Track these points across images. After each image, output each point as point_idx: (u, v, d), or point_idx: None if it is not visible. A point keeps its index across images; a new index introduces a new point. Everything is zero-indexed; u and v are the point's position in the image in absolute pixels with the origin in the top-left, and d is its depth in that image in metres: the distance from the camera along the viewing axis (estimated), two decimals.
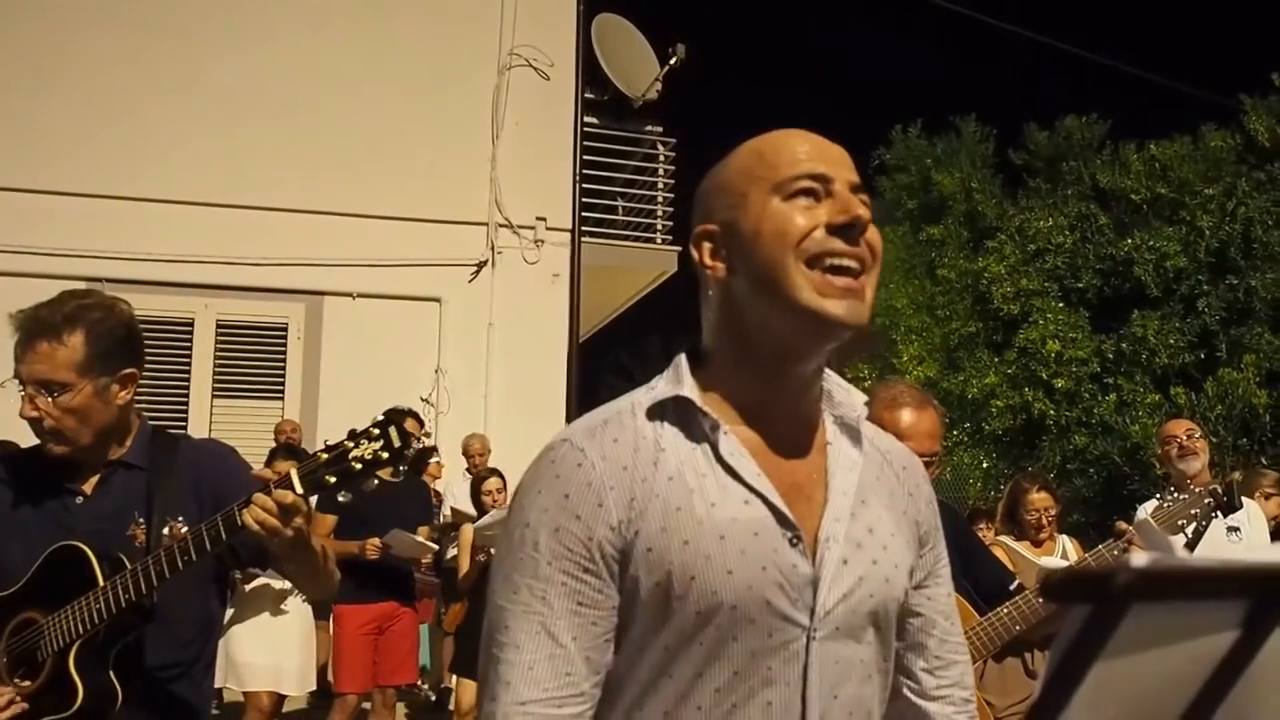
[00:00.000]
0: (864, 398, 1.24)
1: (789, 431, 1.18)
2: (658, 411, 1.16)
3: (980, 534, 7.04)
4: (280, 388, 7.71)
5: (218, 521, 1.82)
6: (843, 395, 1.23)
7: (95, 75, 7.44)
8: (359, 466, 1.76)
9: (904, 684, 1.27)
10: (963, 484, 15.51)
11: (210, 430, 7.46)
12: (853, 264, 1.10)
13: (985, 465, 15.19)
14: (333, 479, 1.77)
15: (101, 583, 1.86)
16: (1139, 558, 0.48)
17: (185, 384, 7.55)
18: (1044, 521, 4.85)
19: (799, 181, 1.12)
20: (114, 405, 2.02)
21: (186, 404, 7.52)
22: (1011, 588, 2.49)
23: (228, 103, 7.58)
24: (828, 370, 1.23)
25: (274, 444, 6.30)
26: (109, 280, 7.33)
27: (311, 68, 7.79)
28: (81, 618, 1.87)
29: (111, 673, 1.90)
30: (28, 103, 7.31)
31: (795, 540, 1.12)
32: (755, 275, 1.12)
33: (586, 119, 8.57)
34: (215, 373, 7.61)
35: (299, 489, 1.77)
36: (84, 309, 1.99)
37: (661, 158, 9.00)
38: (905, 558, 1.21)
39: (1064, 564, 4.41)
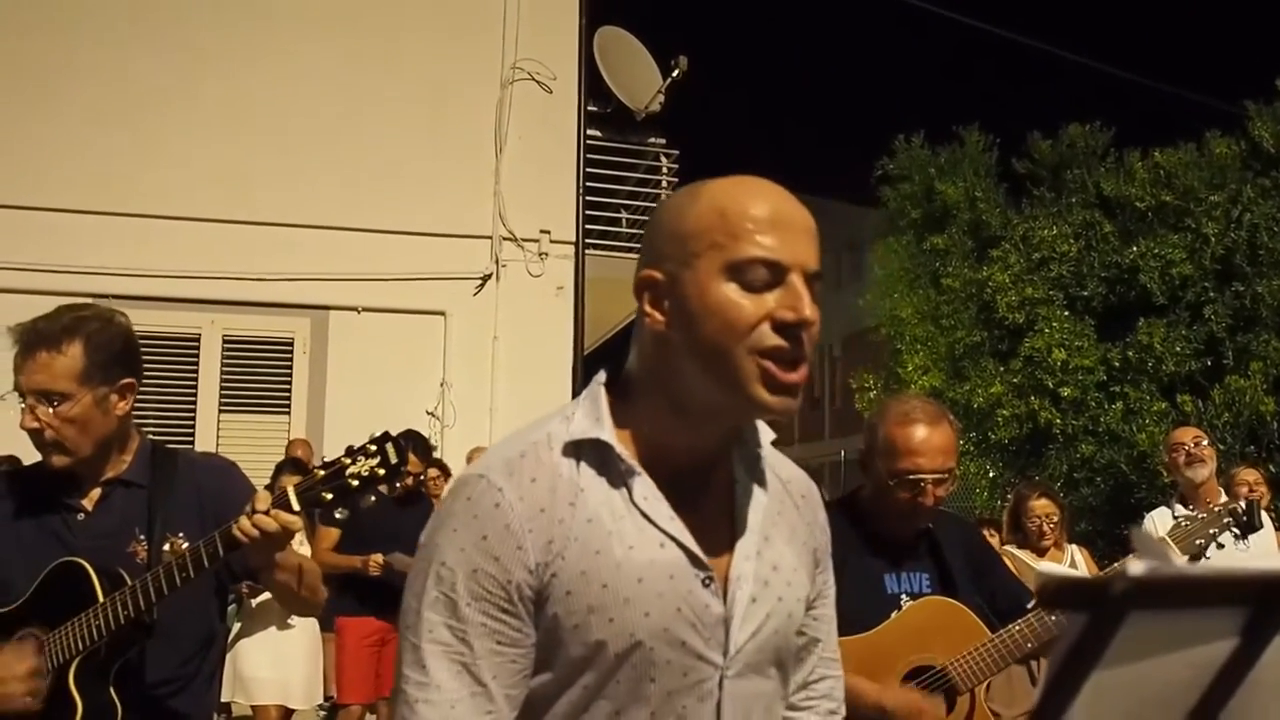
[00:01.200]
0: (772, 434, 1.26)
1: (701, 472, 1.20)
2: (574, 449, 1.16)
3: None
4: (287, 402, 7.73)
5: (215, 538, 1.84)
6: (749, 431, 1.24)
7: (96, 92, 7.48)
8: (356, 484, 1.78)
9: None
10: (969, 494, 15.45)
11: (217, 445, 7.47)
12: (793, 361, 1.12)
13: (991, 475, 15.12)
14: (329, 495, 1.79)
15: (101, 599, 1.87)
16: (1136, 565, 0.48)
17: (192, 399, 7.56)
18: (1045, 529, 4.84)
19: (754, 267, 1.10)
20: (113, 416, 2.03)
21: (194, 419, 7.54)
22: (1028, 605, 2.47)
23: (231, 118, 7.61)
24: None
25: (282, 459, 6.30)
26: (114, 296, 7.34)
27: (314, 83, 7.82)
28: (81, 634, 1.88)
29: (112, 690, 1.90)
30: (29, 119, 7.35)
31: (708, 581, 1.14)
32: (696, 347, 1.12)
33: (589, 132, 8.59)
34: (222, 388, 7.62)
35: (295, 505, 1.78)
36: (82, 320, 2.01)
37: (665, 170, 9.03)
38: (804, 589, 1.26)
39: (1062, 569, 4.39)
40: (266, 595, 5.02)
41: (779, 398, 1.11)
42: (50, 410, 1.95)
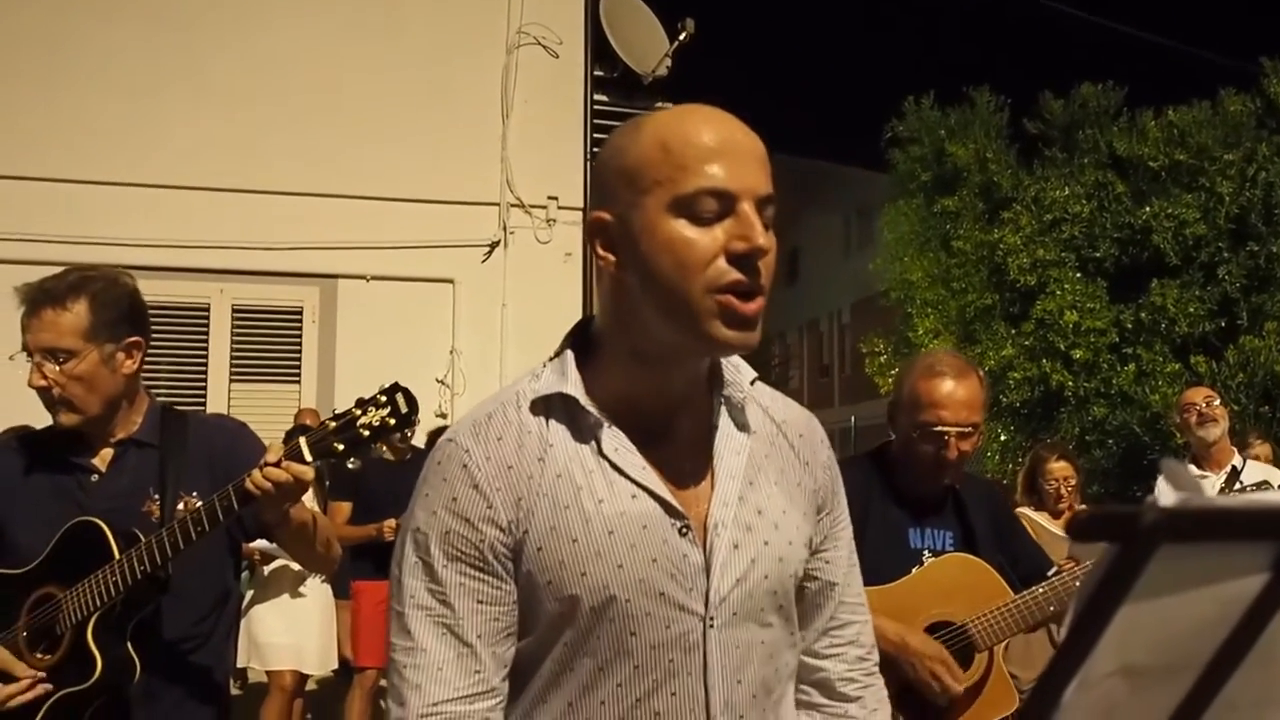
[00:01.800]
0: (753, 374, 1.23)
1: (675, 419, 1.17)
2: (543, 405, 1.15)
3: None
4: (297, 371, 7.74)
5: (230, 491, 1.84)
6: (730, 373, 1.21)
7: (102, 63, 7.44)
8: (367, 433, 1.80)
9: (808, 660, 1.29)
10: (980, 457, 15.45)
11: (228, 414, 7.50)
12: (751, 292, 1.09)
13: (1003, 438, 15.12)
14: (341, 446, 1.80)
15: (117, 556, 1.88)
16: (1167, 496, 0.47)
17: (203, 369, 7.58)
18: (1063, 491, 4.81)
19: (701, 197, 1.07)
20: (120, 374, 2.03)
21: (205, 389, 7.56)
22: (1050, 574, 2.47)
23: (236, 87, 7.57)
24: None
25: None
26: (123, 266, 7.32)
27: (319, 50, 7.77)
28: (98, 591, 1.90)
29: (130, 645, 1.92)
30: (36, 91, 7.32)
31: (684, 530, 1.12)
32: (651, 287, 1.09)
33: (596, 97, 8.52)
34: (232, 357, 7.64)
35: (308, 457, 1.78)
36: (87, 279, 2.02)
37: None
38: (801, 532, 1.22)
39: None
40: (279, 563, 5.06)
41: (737, 332, 1.08)
42: (57, 368, 1.95)
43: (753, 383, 1.23)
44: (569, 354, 1.18)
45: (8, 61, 7.33)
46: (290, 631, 5.09)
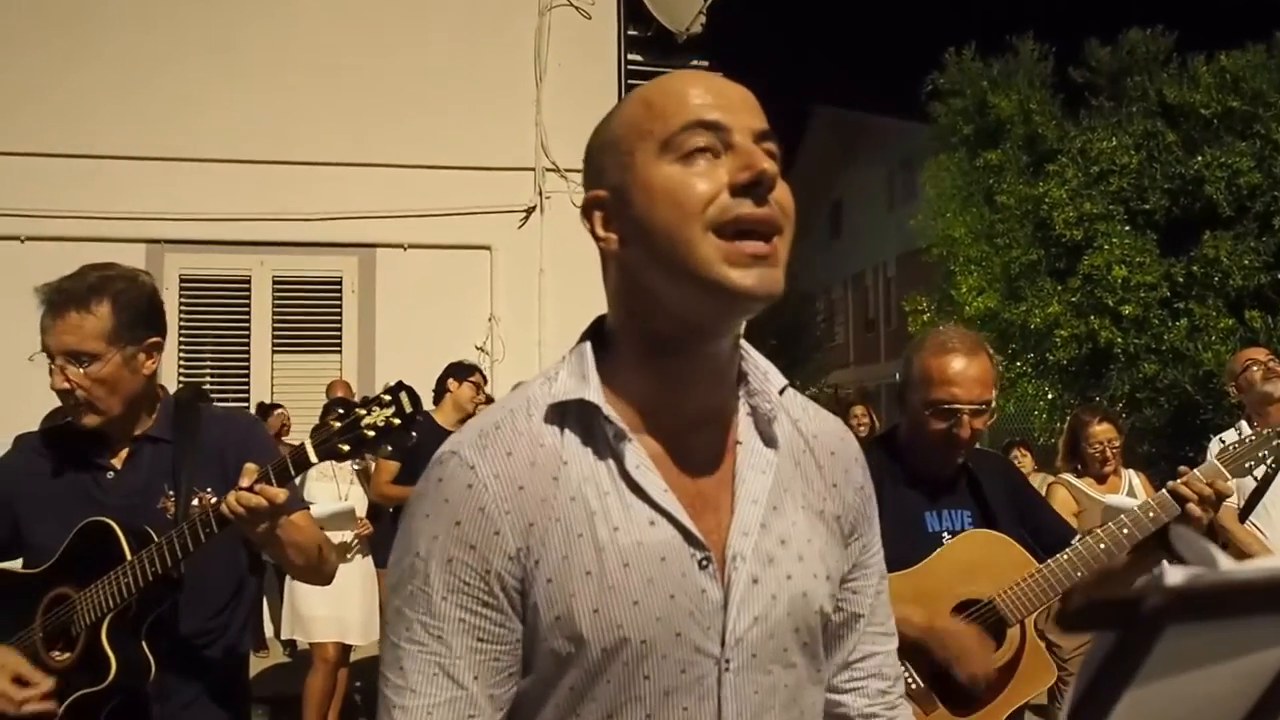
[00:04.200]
0: (783, 381, 1.12)
1: (701, 430, 1.07)
2: (558, 414, 1.04)
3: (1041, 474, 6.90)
4: (337, 341, 7.80)
5: (209, 513, 1.85)
6: (759, 380, 1.10)
7: (138, 38, 7.47)
8: (371, 434, 1.78)
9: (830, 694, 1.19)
10: (1027, 416, 15.25)
11: (272, 386, 7.59)
12: (764, 227, 0.98)
13: (1050, 396, 14.90)
14: (346, 447, 1.79)
15: (129, 557, 1.89)
16: (1174, 574, 0.43)
17: (245, 341, 7.67)
18: (1108, 454, 4.70)
19: (690, 133, 0.98)
20: (141, 374, 2.04)
21: (248, 360, 7.65)
22: (1075, 541, 2.42)
23: (271, 58, 7.58)
24: (746, 347, 1.12)
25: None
26: (165, 241, 7.44)
27: (352, 19, 7.75)
28: (111, 592, 1.90)
29: (145, 644, 1.93)
30: (75, 67, 7.37)
31: (705, 561, 1.01)
32: (653, 248, 0.99)
33: (630, 57, 8.40)
34: (274, 328, 7.71)
35: (313, 459, 1.78)
36: (108, 279, 2.01)
37: None
38: (827, 562, 1.11)
39: (1130, 501, 4.28)
40: None
41: (751, 270, 0.96)
42: (80, 371, 1.96)
43: (782, 391, 1.11)
44: (588, 352, 1.07)
45: (45, 38, 7.38)
46: (333, 604, 5.16)
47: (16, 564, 2.12)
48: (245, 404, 7.33)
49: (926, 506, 2.35)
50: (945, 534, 2.33)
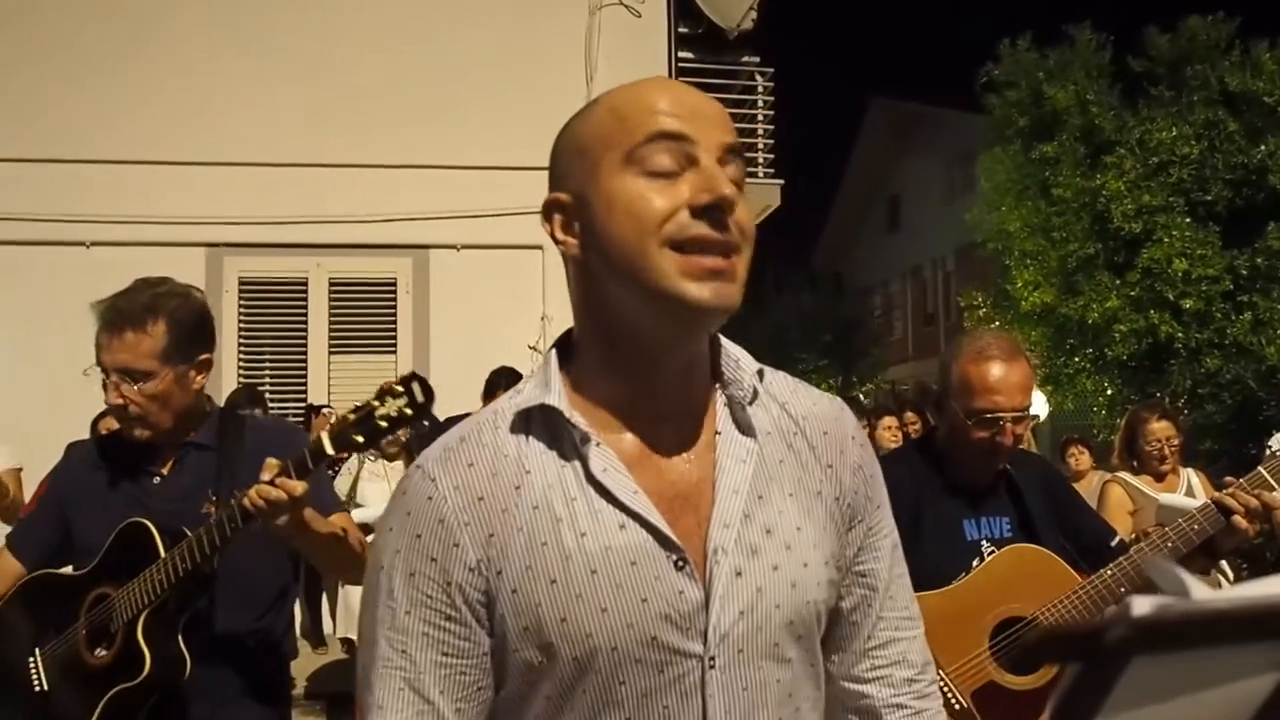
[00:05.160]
0: (756, 366, 1.09)
1: (672, 428, 1.04)
2: (522, 422, 1.03)
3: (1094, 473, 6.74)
4: (392, 341, 7.89)
5: (235, 509, 1.90)
6: (731, 368, 1.07)
7: (198, 46, 7.60)
8: (384, 424, 1.80)
9: (836, 668, 1.15)
10: (1086, 412, 14.99)
11: (329, 386, 7.69)
12: (720, 249, 0.97)
13: (1110, 392, 14.64)
14: (360, 438, 1.82)
15: (163, 554, 1.94)
16: (1142, 604, 0.41)
17: (303, 342, 7.78)
18: (1165, 452, 4.59)
19: (654, 145, 0.97)
20: (191, 390, 2.11)
21: (305, 362, 7.76)
22: (1113, 544, 2.36)
23: (327, 63, 7.67)
24: (722, 338, 1.09)
25: None
26: (223, 245, 7.56)
27: (403, 20, 7.82)
28: (146, 589, 1.96)
29: (182, 641, 1.97)
30: (135, 78, 7.53)
31: (681, 563, 0.99)
32: (611, 259, 0.98)
33: (681, 54, 8.39)
34: (330, 329, 7.81)
35: (330, 450, 1.82)
36: (162, 297, 2.07)
37: (760, 89, 8.77)
38: (820, 549, 1.07)
39: (1188, 501, 4.17)
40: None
41: (707, 284, 0.95)
42: (134, 388, 2.02)
43: (760, 375, 1.09)
44: (553, 359, 1.06)
45: (109, 51, 7.53)
46: None
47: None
48: (302, 404, 7.43)
49: (965, 514, 2.30)
50: (984, 541, 2.28)
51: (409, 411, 1.79)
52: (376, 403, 1.81)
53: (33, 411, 5.96)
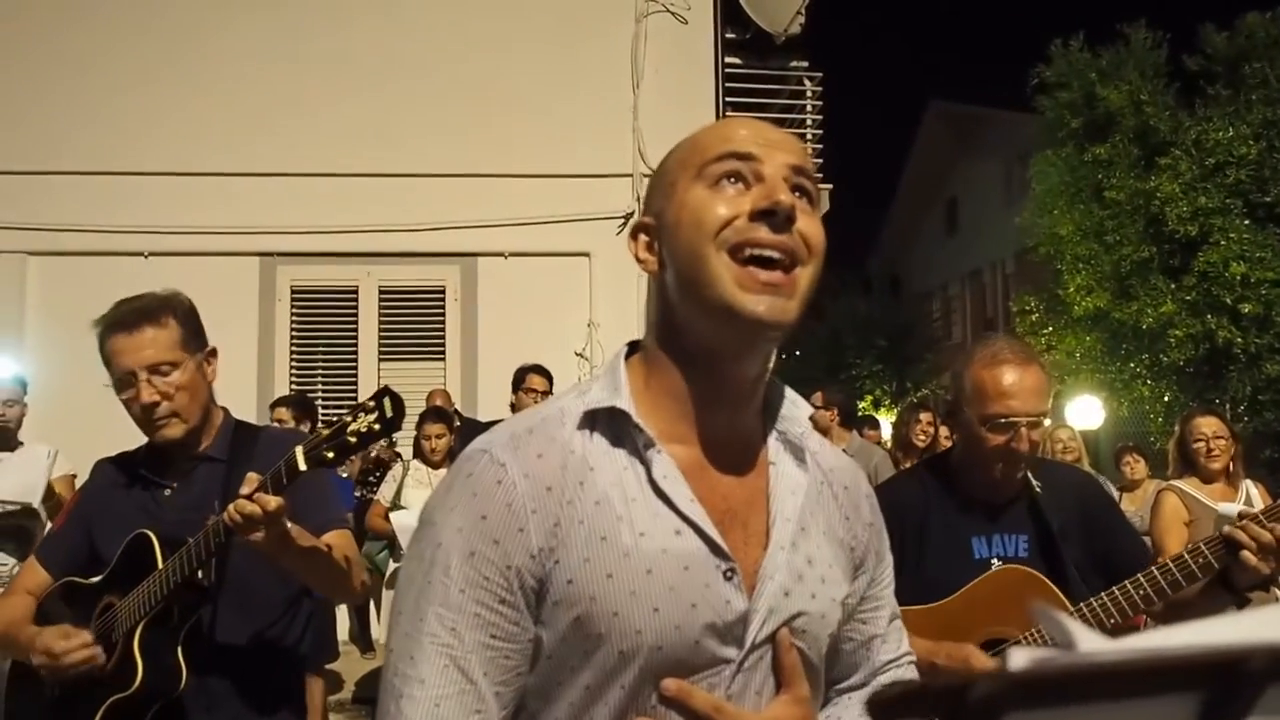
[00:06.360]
0: (809, 409, 1.17)
1: (728, 447, 1.09)
2: (589, 422, 1.07)
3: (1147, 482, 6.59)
4: (441, 348, 7.95)
5: (219, 523, 1.90)
6: (788, 408, 1.15)
7: (249, 60, 7.74)
8: (354, 440, 1.81)
9: (836, 695, 1.23)
10: (1143, 419, 14.69)
11: None
12: (779, 255, 1.02)
13: (1166, 398, 14.33)
14: (331, 454, 1.82)
15: (160, 565, 1.97)
16: (1018, 658, 0.39)
17: (354, 349, 7.87)
18: (1213, 448, 4.50)
19: (722, 163, 1.04)
20: (208, 381, 2.16)
21: (355, 369, 7.85)
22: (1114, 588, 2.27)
23: (376, 73, 7.77)
24: (776, 379, 1.16)
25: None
26: (276, 254, 7.68)
27: (448, 29, 7.89)
28: (144, 599, 1.98)
29: (180, 652, 1.98)
30: (190, 92, 7.68)
31: (730, 573, 1.03)
32: (678, 268, 1.05)
33: (728, 60, 8.37)
34: (380, 337, 7.90)
35: (302, 465, 1.82)
36: (160, 298, 2.14)
37: (809, 94, 8.71)
38: (841, 589, 1.14)
39: (1236, 508, 4.05)
40: None
41: (763, 298, 1.00)
42: (165, 380, 2.06)
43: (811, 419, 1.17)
44: (621, 364, 1.11)
45: (164, 65, 7.69)
46: None
47: None
48: None
49: (976, 531, 2.23)
50: (995, 560, 2.21)
51: (377, 427, 1.80)
52: (349, 419, 1.82)
53: (91, 420, 6.06)
